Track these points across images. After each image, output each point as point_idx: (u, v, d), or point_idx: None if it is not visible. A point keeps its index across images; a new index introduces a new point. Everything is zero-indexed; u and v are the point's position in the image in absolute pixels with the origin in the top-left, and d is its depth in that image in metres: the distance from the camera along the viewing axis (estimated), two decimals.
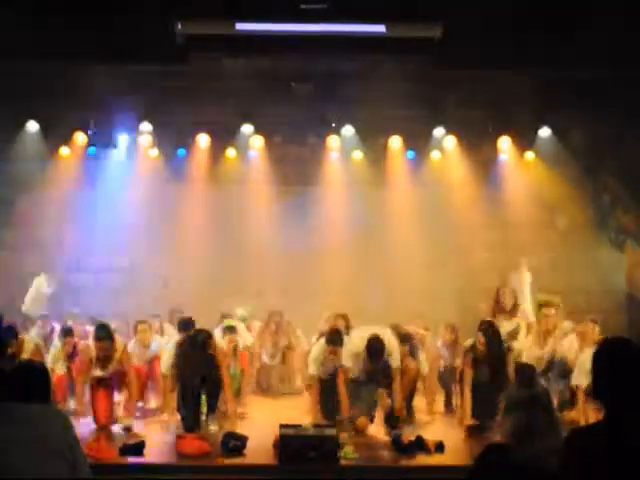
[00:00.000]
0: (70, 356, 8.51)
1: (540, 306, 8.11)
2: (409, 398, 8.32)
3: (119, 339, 7.93)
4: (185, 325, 8.39)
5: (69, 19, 8.29)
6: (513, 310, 8.68)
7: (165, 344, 8.64)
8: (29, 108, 10.78)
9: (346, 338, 7.84)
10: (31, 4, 8.32)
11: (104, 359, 7.68)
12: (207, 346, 7.50)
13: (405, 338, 8.16)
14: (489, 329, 7.71)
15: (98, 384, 7.73)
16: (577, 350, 7.95)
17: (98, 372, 7.72)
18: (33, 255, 11.56)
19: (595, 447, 2.54)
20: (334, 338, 7.76)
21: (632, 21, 7.91)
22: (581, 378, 7.20)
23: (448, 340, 8.88)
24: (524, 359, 7.79)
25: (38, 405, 2.06)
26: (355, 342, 7.63)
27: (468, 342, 7.92)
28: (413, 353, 8.21)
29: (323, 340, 7.90)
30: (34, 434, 1.90)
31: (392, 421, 7.33)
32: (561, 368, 7.81)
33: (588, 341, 7.87)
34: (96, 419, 7.59)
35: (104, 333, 7.63)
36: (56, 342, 8.73)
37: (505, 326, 8.35)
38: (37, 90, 10.05)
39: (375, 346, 7.38)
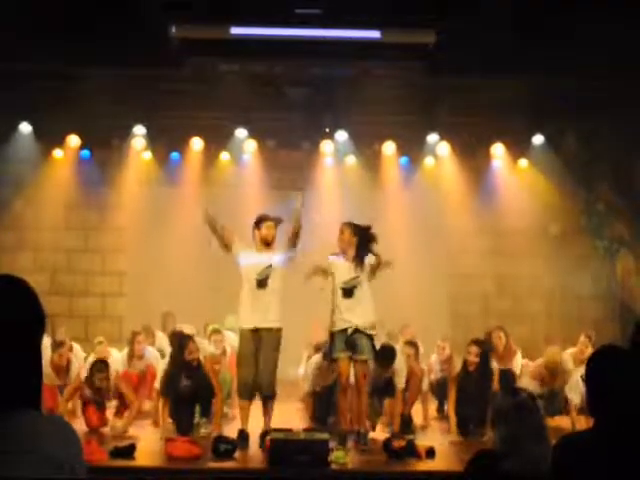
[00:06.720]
0: (57, 368, 8.10)
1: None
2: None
3: (113, 365, 7.89)
4: (178, 340, 8.11)
5: (64, 22, 8.27)
6: None
7: (157, 355, 8.63)
8: (22, 110, 10.76)
9: None
10: (28, 7, 8.29)
11: (98, 390, 7.61)
12: (187, 349, 7.46)
13: (412, 344, 8.28)
14: (481, 342, 7.85)
15: (89, 402, 7.68)
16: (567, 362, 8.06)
17: (91, 397, 7.65)
18: (26, 256, 11.54)
19: (585, 454, 2.55)
20: None
21: (631, 32, 7.90)
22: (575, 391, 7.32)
23: (443, 355, 8.94)
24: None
25: (46, 416, 1.86)
26: None
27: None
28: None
29: (320, 356, 7.90)
30: (36, 449, 1.75)
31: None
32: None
33: (583, 358, 7.99)
34: (87, 423, 7.56)
35: (102, 367, 7.62)
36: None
37: None
38: (31, 92, 10.03)
39: (387, 351, 7.39)
